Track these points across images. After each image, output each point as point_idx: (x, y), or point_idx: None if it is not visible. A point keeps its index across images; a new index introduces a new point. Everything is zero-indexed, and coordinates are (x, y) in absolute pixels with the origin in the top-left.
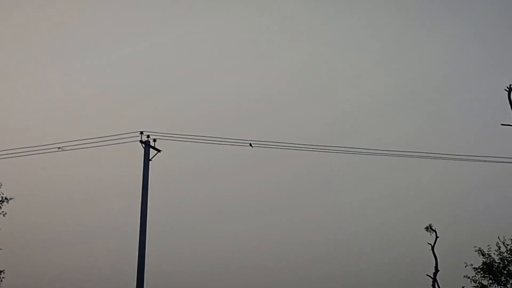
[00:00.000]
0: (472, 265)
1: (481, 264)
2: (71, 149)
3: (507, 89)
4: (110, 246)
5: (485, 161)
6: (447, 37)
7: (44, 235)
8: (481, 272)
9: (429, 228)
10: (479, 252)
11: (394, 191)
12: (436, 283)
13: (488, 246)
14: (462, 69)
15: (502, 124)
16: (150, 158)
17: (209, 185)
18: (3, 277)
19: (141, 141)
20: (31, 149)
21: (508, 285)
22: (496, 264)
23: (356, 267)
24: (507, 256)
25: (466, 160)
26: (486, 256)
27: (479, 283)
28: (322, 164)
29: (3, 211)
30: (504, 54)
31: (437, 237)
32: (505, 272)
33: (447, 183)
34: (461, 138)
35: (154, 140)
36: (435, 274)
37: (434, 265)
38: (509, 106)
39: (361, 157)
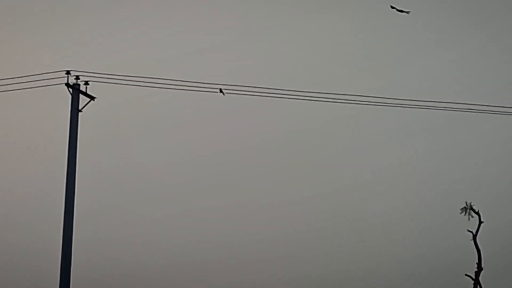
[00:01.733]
0: None
1: None
2: None
3: None
4: (26, 227)
5: None
6: None
7: None
8: None
9: (469, 210)
10: None
11: (415, 157)
12: (479, 286)
13: None
14: None
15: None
16: (80, 108)
17: (163, 145)
18: None
19: (67, 84)
20: None
21: None
22: None
23: (363, 263)
24: None
25: None
26: None
27: None
28: (318, 117)
29: None
30: None
31: (480, 222)
32: None
33: (497, 145)
34: None
35: (86, 83)
36: (477, 273)
37: (476, 261)
38: None
39: (372, 108)
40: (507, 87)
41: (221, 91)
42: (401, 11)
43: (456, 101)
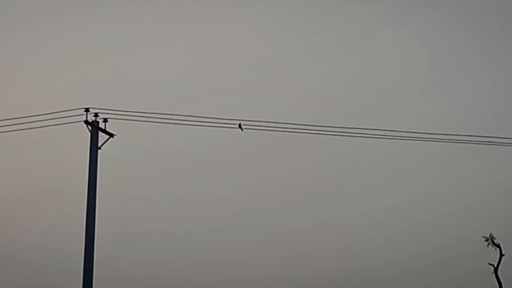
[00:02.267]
0: None
1: None
2: None
3: None
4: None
5: None
6: None
7: None
8: None
9: (491, 241)
10: None
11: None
12: None
13: None
14: None
15: None
16: (99, 145)
17: (182, 183)
18: None
19: (86, 122)
20: None
21: None
22: None
23: None
24: None
25: None
26: None
27: None
28: (338, 151)
29: None
30: None
31: (502, 255)
32: None
33: None
34: None
35: (105, 120)
36: None
37: None
38: None
39: (390, 142)
40: None
41: (240, 126)
42: None
43: (476, 134)
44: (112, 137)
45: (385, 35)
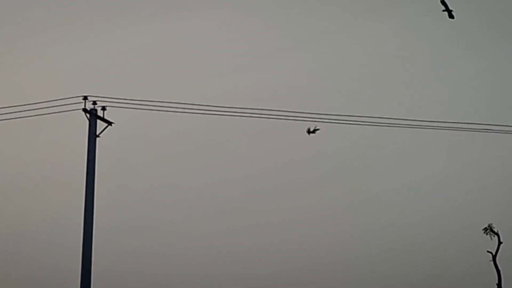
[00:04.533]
0: None
1: None
2: None
3: None
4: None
5: None
6: None
7: None
8: None
9: (489, 230)
10: None
11: (434, 176)
12: None
13: None
14: None
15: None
16: (97, 133)
17: (180, 170)
18: None
19: (84, 110)
20: None
21: None
22: None
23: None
24: None
25: None
26: None
27: None
28: (336, 138)
29: None
30: None
31: (500, 242)
32: None
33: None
34: None
35: (103, 108)
36: None
37: (497, 282)
38: None
39: (384, 130)
40: None
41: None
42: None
43: (474, 121)
44: (111, 125)
45: (367, 26)
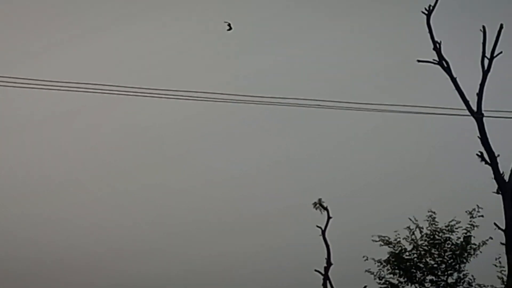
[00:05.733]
0: (374, 259)
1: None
2: None
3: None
4: None
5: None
6: None
7: None
8: (388, 266)
9: (318, 205)
10: (382, 241)
11: (263, 155)
12: (328, 282)
13: (396, 232)
14: None
15: (418, 61)
16: None
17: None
18: None
19: None
20: None
21: (427, 284)
22: (407, 255)
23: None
24: (424, 243)
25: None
26: (393, 244)
27: (386, 281)
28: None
29: None
30: None
31: (329, 217)
32: (422, 265)
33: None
34: None
35: None
36: (326, 269)
37: (326, 257)
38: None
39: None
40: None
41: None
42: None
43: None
44: None
45: None
